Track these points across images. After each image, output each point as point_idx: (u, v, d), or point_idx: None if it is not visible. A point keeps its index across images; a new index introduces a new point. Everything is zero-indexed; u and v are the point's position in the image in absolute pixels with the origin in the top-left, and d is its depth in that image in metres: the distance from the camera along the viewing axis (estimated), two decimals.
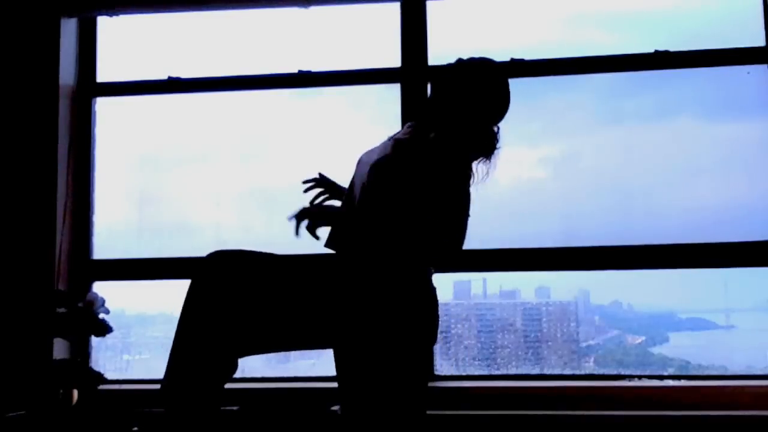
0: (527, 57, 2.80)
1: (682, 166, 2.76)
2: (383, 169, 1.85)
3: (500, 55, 2.80)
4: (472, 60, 1.99)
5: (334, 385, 2.66)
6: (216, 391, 1.72)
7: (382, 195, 1.83)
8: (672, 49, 2.73)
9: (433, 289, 1.91)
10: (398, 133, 2.03)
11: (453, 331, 2.91)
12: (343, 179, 2.89)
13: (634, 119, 2.83)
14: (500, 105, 1.97)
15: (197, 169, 3.02)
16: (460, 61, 2.00)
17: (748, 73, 2.73)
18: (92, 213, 2.97)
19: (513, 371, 2.79)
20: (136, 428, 2.39)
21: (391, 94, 2.84)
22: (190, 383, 1.69)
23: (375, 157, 1.91)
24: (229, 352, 1.71)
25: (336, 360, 1.93)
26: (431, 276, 1.91)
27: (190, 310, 1.72)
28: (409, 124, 2.02)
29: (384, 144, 1.98)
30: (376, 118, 2.97)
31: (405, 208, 1.81)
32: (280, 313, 1.73)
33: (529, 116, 2.89)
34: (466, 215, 1.84)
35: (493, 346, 2.87)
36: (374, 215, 1.83)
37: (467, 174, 1.87)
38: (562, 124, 2.87)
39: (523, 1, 2.94)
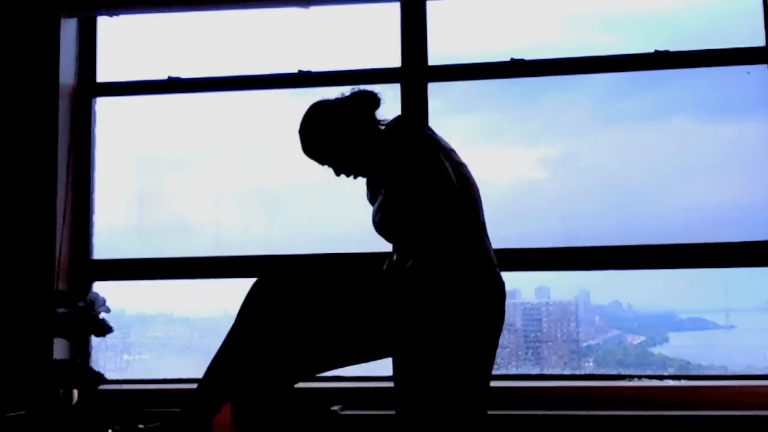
0: (527, 57, 2.80)
1: (682, 166, 2.76)
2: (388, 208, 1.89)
3: (500, 55, 2.82)
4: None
5: (335, 385, 2.67)
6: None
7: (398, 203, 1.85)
8: (672, 49, 2.73)
9: (497, 281, 1.88)
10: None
11: None
12: (342, 178, 2.89)
13: (633, 119, 2.83)
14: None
15: (197, 169, 3.02)
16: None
17: (748, 73, 2.73)
18: (92, 213, 2.97)
19: (513, 371, 2.79)
20: (141, 426, 2.39)
21: (392, 94, 2.84)
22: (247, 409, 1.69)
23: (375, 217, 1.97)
24: (286, 384, 1.73)
25: (395, 365, 1.92)
26: (492, 263, 1.89)
27: (245, 336, 1.72)
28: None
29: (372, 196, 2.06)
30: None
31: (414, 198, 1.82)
32: (339, 332, 1.74)
33: (527, 116, 2.90)
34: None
35: None
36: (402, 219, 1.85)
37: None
38: (561, 124, 2.87)
39: (523, 2, 2.94)
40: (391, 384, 2.00)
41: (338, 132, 2.00)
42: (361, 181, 2.10)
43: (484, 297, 1.81)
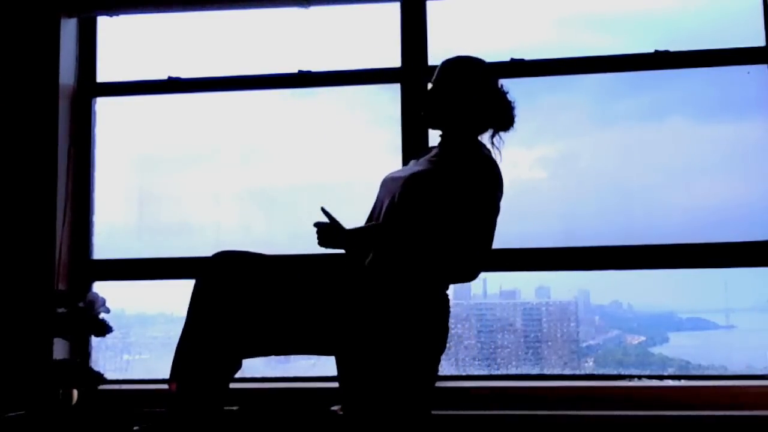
0: (527, 57, 2.80)
1: (681, 166, 2.76)
2: (424, 180, 1.89)
3: (500, 55, 2.82)
4: (469, 58, 2.04)
5: (334, 385, 2.66)
6: (220, 390, 1.73)
7: (421, 206, 1.86)
8: (672, 49, 2.73)
9: (447, 300, 1.93)
10: (426, 154, 2.07)
11: (453, 331, 2.89)
12: (342, 178, 2.91)
13: (632, 119, 2.83)
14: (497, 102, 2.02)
15: (197, 169, 3.02)
16: (459, 58, 2.04)
17: (748, 73, 2.73)
18: (92, 213, 2.97)
19: (513, 371, 2.79)
20: (136, 428, 2.39)
21: (391, 94, 2.84)
22: (194, 382, 1.69)
23: (406, 174, 1.95)
24: (233, 353, 1.71)
25: (338, 366, 1.93)
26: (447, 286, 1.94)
27: (196, 309, 1.72)
28: (434, 147, 2.08)
29: (416, 163, 2.04)
30: (376, 118, 2.97)
31: (443, 218, 1.85)
32: (286, 315, 1.74)
33: (526, 116, 2.89)
34: (494, 224, 1.89)
35: (493, 346, 2.87)
36: (411, 225, 1.86)
37: (498, 181, 1.91)
38: (559, 124, 2.87)
39: (523, 2, 2.94)
40: None
41: (469, 97, 1.98)
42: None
43: (429, 308, 1.84)
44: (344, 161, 2.90)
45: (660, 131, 2.78)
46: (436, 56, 2.83)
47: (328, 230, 1.96)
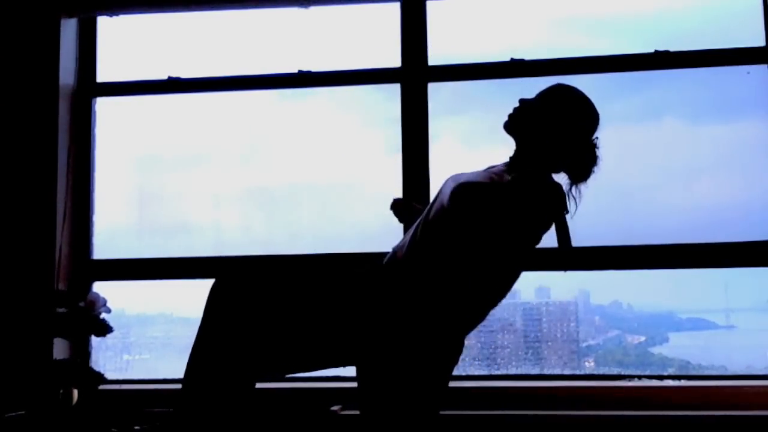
0: (527, 57, 2.80)
1: (681, 166, 2.76)
2: (468, 191, 1.82)
3: (500, 55, 2.82)
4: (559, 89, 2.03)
5: (335, 385, 2.67)
6: (231, 413, 1.71)
7: (459, 217, 1.80)
8: (672, 49, 2.73)
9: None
10: (496, 166, 2.03)
11: None
12: (342, 179, 2.91)
13: (632, 119, 2.83)
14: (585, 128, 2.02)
15: (197, 169, 3.02)
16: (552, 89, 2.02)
17: (748, 73, 2.73)
18: (92, 213, 2.97)
19: (513, 371, 2.79)
20: (137, 428, 2.39)
21: (391, 95, 2.84)
22: (205, 407, 1.67)
23: (463, 179, 1.89)
24: (246, 376, 1.70)
25: (359, 373, 1.91)
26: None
27: (208, 330, 1.70)
28: (505, 162, 2.03)
29: (477, 172, 1.98)
30: (377, 118, 2.97)
31: (478, 234, 1.79)
32: (303, 331, 1.71)
33: None
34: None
35: (493, 346, 2.87)
36: (445, 234, 1.80)
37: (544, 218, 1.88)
38: None
39: (523, 2, 2.94)
40: None
41: (564, 134, 1.97)
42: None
43: (440, 323, 1.81)
44: (345, 161, 2.90)
45: (659, 131, 2.78)
46: (436, 56, 2.84)
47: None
